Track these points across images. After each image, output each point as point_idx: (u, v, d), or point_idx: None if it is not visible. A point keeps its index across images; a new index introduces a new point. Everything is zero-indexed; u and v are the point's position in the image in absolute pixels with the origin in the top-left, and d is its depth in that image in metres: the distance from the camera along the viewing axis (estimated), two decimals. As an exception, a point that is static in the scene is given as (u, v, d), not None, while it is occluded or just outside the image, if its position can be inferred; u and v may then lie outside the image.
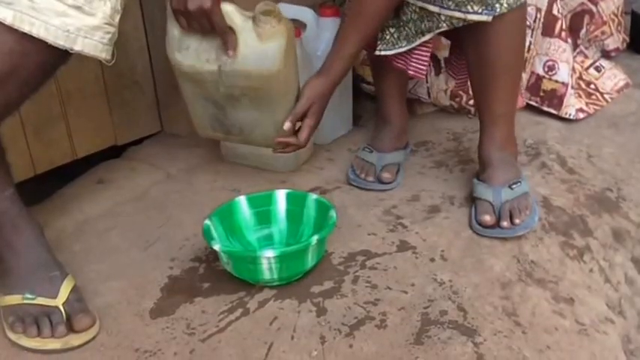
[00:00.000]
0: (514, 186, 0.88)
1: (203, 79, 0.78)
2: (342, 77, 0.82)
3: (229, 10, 0.72)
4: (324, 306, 0.76)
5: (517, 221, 0.84)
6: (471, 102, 1.18)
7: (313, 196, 0.87)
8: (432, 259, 0.83)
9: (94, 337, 0.71)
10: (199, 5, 0.71)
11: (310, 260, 0.79)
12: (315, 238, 0.76)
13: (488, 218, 0.85)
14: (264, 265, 0.76)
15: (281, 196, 0.88)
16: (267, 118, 0.78)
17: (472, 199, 0.92)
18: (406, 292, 0.77)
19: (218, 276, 0.83)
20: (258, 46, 0.73)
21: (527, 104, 1.19)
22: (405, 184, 1.03)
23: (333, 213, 0.81)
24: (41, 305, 0.70)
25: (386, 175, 1.01)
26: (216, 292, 0.80)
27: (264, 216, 0.87)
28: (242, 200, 0.87)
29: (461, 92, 1.17)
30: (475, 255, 0.83)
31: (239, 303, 0.78)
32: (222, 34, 0.73)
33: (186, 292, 0.80)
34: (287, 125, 0.82)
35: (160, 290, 0.81)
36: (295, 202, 0.87)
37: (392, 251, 0.85)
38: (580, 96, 1.15)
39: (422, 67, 0.88)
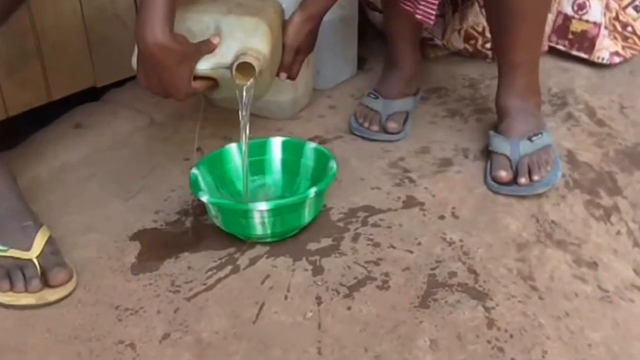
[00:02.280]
0: (534, 138, 0.87)
1: None
2: (327, 8, 0.80)
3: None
4: (320, 265, 0.76)
5: (536, 177, 0.83)
6: (488, 45, 1.15)
7: (312, 144, 0.86)
8: (442, 217, 0.83)
9: (70, 293, 0.72)
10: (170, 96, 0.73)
11: (307, 215, 0.79)
12: (312, 191, 0.76)
13: (504, 174, 0.84)
14: (257, 219, 0.75)
15: (276, 144, 0.88)
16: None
17: (488, 153, 0.91)
18: (412, 252, 0.77)
19: (206, 230, 0.83)
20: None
21: (553, 48, 1.16)
22: (413, 135, 1.02)
23: (333, 164, 0.81)
24: (13, 258, 0.70)
25: (392, 125, 1.00)
26: (204, 248, 0.80)
27: (257, 166, 0.87)
28: (233, 148, 0.87)
29: (475, 34, 1.15)
30: (489, 213, 0.83)
31: (228, 260, 0.78)
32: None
33: (171, 247, 0.80)
34: (282, 76, 0.81)
35: (143, 244, 0.81)
36: (292, 151, 0.87)
37: (397, 207, 0.85)
38: (615, 38, 1.10)
39: (430, 11, 0.86)
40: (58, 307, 0.70)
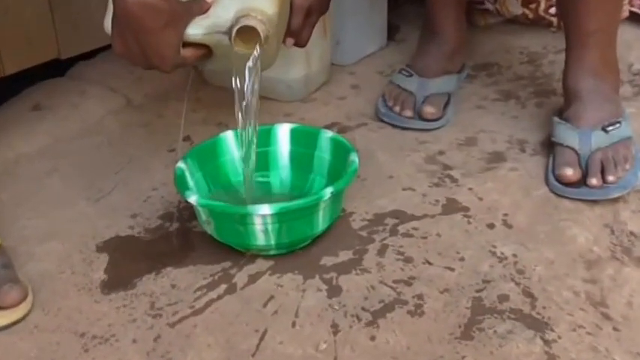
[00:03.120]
0: (610, 128, 0.86)
1: None
2: None
3: None
4: (337, 284, 0.76)
5: (611, 178, 0.83)
6: (553, 10, 1.15)
7: (328, 133, 0.87)
8: (491, 226, 0.83)
9: (25, 316, 0.72)
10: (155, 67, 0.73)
11: (321, 222, 0.79)
12: (328, 192, 0.76)
13: (570, 172, 0.84)
14: (258, 225, 0.76)
15: (283, 132, 0.88)
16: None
17: (550, 145, 0.91)
18: (452, 269, 0.77)
19: (195, 240, 0.84)
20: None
21: (636, 14, 1.16)
22: (456, 122, 1.02)
23: (354, 158, 0.81)
24: (-46, 272, 0.71)
25: (430, 109, 1.00)
26: (192, 262, 0.80)
27: (260, 160, 0.87)
28: (229, 137, 0.87)
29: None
30: (551, 222, 0.83)
31: (223, 276, 0.78)
32: None
33: (152, 260, 0.81)
34: (289, 42, 0.81)
35: (116, 256, 0.82)
36: (303, 142, 0.88)
37: (435, 213, 0.86)
38: None
39: None
40: (9, 334, 0.70)
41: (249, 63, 0.74)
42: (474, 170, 0.93)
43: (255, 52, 0.73)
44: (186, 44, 0.74)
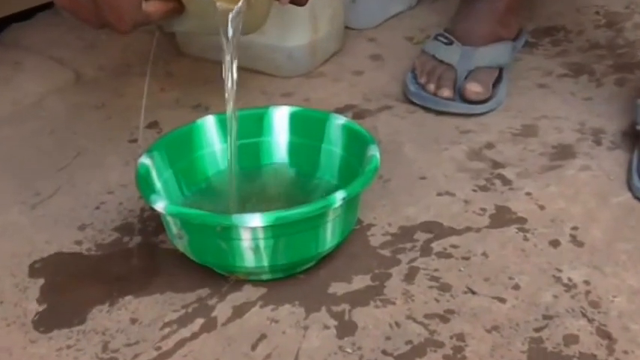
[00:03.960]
0: None
1: None
2: None
3: None
4: (351, 319, 0.76)
5: None
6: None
7: (340, 119, 0.88)
8: (555, 243, 0.83)
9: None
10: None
11: (330, 237, 0.79)
12: (339, 197, 0.76)
13: (663, 173, 0.86)
14: (246, 241, 0.76)
15: (280, 117, 0.89)
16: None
17: (635, 137, 0.92)
18: (503, 301, 0.77)
19: (162, 259, 0.84)
20: None
21: None
22: (510, 106, 1.03)
23: (374, 152, 0.82)
24: None
25: (475, 88, 1.01)
26: (159, 288, 0.80)
27: (250, 153, 0.89)
28: (209, 123, 0.88)
29: None
30: (635, 238, 0.83)
31: (199, 309, 0.78)
32: None
33: (105, 286, 0.81)
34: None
35: (58, 281, 0.82)
36: (306, 130, 0.89)
37: (481, 226, 0.86)
38: None
39: None
40: None
41: (230, 17, 0.73)
42: (533, 169, 0.93)
43: (237, 7, 0.73)
44: None
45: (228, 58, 0.77)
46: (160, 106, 1.03)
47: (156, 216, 0.86)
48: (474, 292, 0.79)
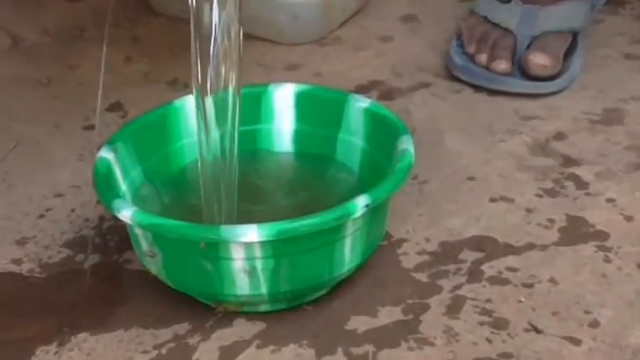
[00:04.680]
0: None
1: None
2: None
3: None
4: (377, 364, 0.76)
5: None
6: None
7: (361, 101, 0.88)
8: None
9: None
10: None
11: (348, 256, 0.79)
12: (361, 204, 0.75)
13: None
14: (239, 261, 0.76)
15: (283, 98, 0.90)
16: None
17: None
18: (577, 342, 0.76)
19: (129, 285, 0.84)
20: None
21: None
22: (587, 83, 1.03)
23: (407, 145, 0.82)
24: None
25: (541, 60, 1.01)
26: (123, 322, 0.80)
27: (244, 144, 0.88)
28: (190, 106, 0.88)
29: None
30: None
31: (175, 349, 0.78)
32: None
33: (53, 319, 0.80)
34: None
35: (-9, 312, 0.82)
36: (318, 116, 0.90)
37: (548, 242, 0.86)
38: None
39: None
40: None
41: None
42: (617, 168, 0.93)
43: None
44: None
45: (216, 20, 0.77)
46: (124, 81, 1.02)
47: (120, 227, 0.86)
48: (538, 331, 0.78)
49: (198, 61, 0.78)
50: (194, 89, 0.79)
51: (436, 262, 0.86)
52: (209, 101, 0.79)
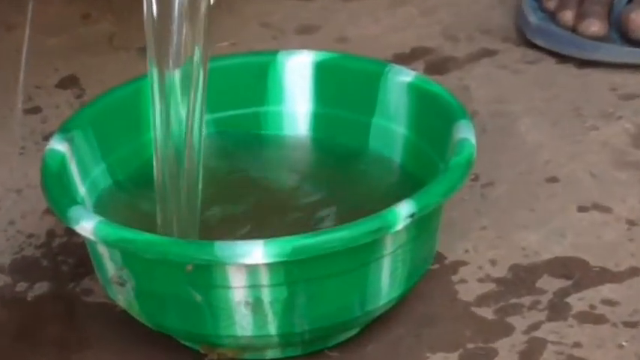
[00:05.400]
0: None
1: None
2: None
3: None
4: None
5: None
6: None
7: (403, 74, 0.89)
8: None
9: None
10: None
11: (386, 283, 0.79)
12: (403, 212, 0.74)
13: None
14: (238, 290, 0.75)
15: (297, 69, 0.92)
16: None
17: None
18: None
19: (88, 322, 0.85)
20: None
21: None
22: None
23: (465, 133, 0.82)
24: None
25: None
26: None
27: (240, 133, 0.91)
28: None
29: None
30: None
31: None
32: None
33: None
34: None
35: None
36: (344, 94, 0.91)
37: None
38: None
39: None
40: None
41: None
42: None
43: None
44: None
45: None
46: (80, 47, 1.02)
47: (77, 245, 0.87)
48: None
49: (155, 20, 0.78)
50: (149, 61, 0.79)
51: (505, 292, 0.85)
52: (171, 76, 0.79)
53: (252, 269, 0.74)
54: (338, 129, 0.92)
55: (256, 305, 0.75)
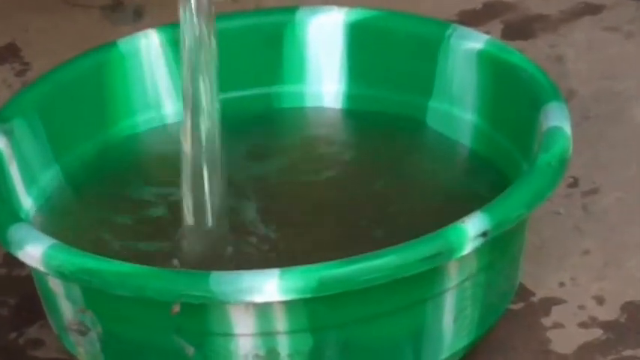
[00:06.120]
0: None
1: None
2: None
3: None
4: None
5: None
6: None
7: (473, 40, 0.91)
8: None
9: None
10: None
11: (449, 327, 0.79)
12: (472, 229, 0.74)
13: None
14: (245, 339, 0.76)
15: (325, 33, 0.94)
16: None
17: None
18: None
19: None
20: None
21: None
22: None
23: (557, 119, 0.83)
24: None
25: None
26: None
27: (257, 110, 0.95)
28: (151, 48, 0.94)
29: None
30: None
31: None
32: None
33: None
34: None
35: None
36: (389, 67, 0.94)
37: None
38: None
39: None
40: None
41: None
42: None
43: None
44: None
45: None
46: (22, 3, 1.03)
47: (20, 279, 0.90)
48: None
49: None
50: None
51: (617, 342, 0.85)
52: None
53: (263, 310, 0.74)
54: (379, 117, 0.90)
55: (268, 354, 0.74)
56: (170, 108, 0.88)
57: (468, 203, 0.77)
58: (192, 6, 0.79)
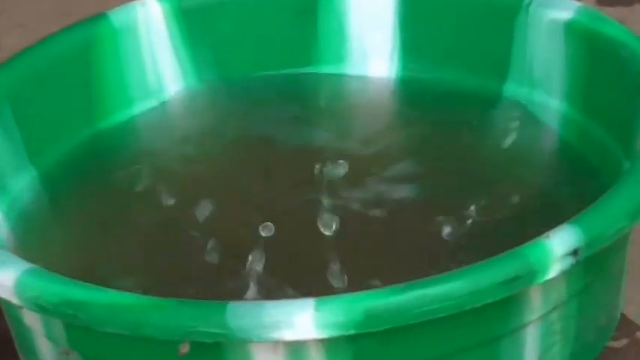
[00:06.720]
0: None
1: None
2: None
3: None
4: None
5: None
6: None
7: (559, 9, 0.97)
8: None
9: None
10: None
11: None
12: (558, 245, 0.76)
13: None
14: None
15: (364, 7, 0.94)
16: None
17: None
18: None
19: None
20: None
21: None
22: None
23: None
24: None
25: None
26: None
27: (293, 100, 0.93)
28: (153, 22, 0.97)
29: None
30: None
31: None
32: None
33: None
34: None
35: None
36: (451, 42, 0.95)
37: None
38: None
39: None
40: None
41: None
42: None
43: None
44: None
45: None
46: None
47: None
48: None
49: None
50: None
51: None
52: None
53: (295, 350, 0.76)
54: (442, 104, 0.91)
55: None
56: (175, 94, 0.88)
57: (554, 211, 0.76)
58: None
